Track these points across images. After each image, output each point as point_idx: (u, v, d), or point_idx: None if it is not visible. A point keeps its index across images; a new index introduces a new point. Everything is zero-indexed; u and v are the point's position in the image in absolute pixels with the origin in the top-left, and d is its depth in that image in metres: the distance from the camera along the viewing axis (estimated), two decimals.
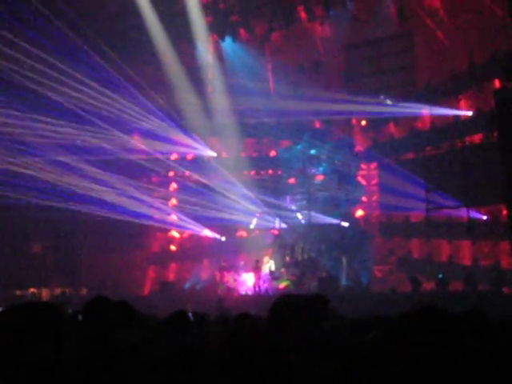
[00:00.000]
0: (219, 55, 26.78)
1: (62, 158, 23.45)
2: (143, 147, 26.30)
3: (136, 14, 23.07)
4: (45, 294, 24.32)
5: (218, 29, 25.65)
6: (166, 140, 25.92)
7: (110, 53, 22.52)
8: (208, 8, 24.48)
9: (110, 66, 22.84)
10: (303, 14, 24.78)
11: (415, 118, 25.02)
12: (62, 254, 25.79)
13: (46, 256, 26.12)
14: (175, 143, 26.52)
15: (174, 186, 28.65)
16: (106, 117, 23.72)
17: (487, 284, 18.03)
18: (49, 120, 22.84)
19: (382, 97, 23.78)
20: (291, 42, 25.52)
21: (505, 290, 17.45)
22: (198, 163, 27.83)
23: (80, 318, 3.93)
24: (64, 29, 21.03)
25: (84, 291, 24.08)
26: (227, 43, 26.29)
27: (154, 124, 24.97)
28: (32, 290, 24.01)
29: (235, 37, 26.00)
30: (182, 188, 27.53)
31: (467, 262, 21.80)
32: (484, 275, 18.58)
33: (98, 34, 22.24)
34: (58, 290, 23.98)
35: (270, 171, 28.07)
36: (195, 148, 27.02)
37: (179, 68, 25.20)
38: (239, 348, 2.71)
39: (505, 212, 19.35)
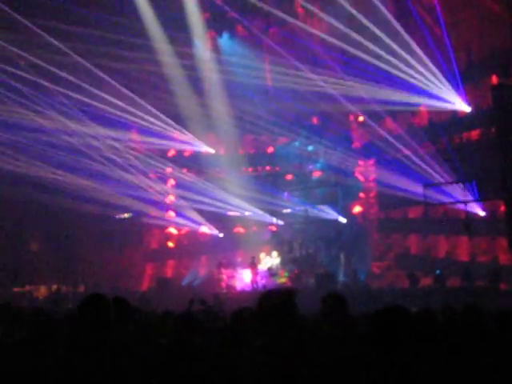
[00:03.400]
0: (217, 52, 26.74)
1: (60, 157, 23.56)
2: (141, 143, 26.41)
3: (133, 11, 23.00)
4: (42, 291, 24.32)
5: (216, 25, 25.61)
6: (163, 136, 25.92)
7: (107, 50, 22.53)
8: (205, 4, 24.38)
9: (107, 64, 22.88)
10: (301, 10, 24.72)
11: (413, 113, 25.00)
12: (60, 251, 25.77)
13: (44, 253, 26.10)
14: (173, 140, 26.54)
15: (171, 182, 28.62)
16: (103, 115, 23.77)
17: (485, 280, 18.04)
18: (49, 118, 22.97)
19: None
20: (289, 38, 25.42)
21: (502, 285, 17.47)
22: (195, 160, 27.85)
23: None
24: (63, 30, 21.15)
25: (81, 288, 24.07)
26: (224, 39, 26.28)
27: (151, 120, 24.94)
28: (29, 287, 23.99)
29: (233, 33, 25.98)
30: (180, 184, 27.54)
31: (465, 257, 21.80)
32: (481, 271, 18.59)
33: (95, 31, 22.22)
34: (55, 287, 23.97)
35: (268, 167, 28.04)
36: (193, 144, 27.02)
37: (177, 65, 25.14)
38: None
39: (503, 208, 19.38)
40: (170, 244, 29.44)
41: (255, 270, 22.50)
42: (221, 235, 27.44)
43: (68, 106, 22.96)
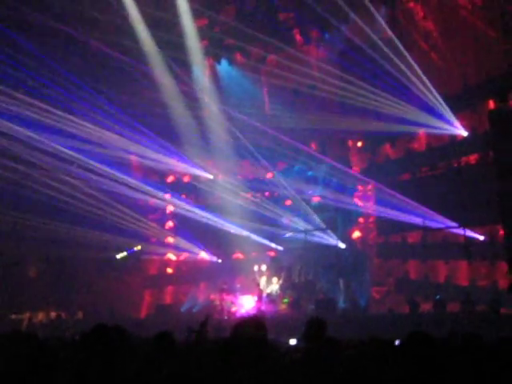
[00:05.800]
0: (215, 78, 26.90)
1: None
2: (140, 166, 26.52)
3: (132, 38, 23.17)
4: (41, 317, 24.15)
5: (214, 52, 25.78)
6: (162, 162, 25.97)
7: (105, 77, 22.70)
8: (203, 31, 24.57)
9: (106, 91, 23.02)
10: (299, 37, 24.94)
11: (411, 138, 25.10)
12: (58, 277, 25.66)
13: (42, 280, 25.98)
14: (172, 166, 26.59)
15: (170, 208, 28.61)
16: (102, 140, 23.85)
17: (484, 305, 17.94)
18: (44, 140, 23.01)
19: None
20: (287, 64, 25.58)
21: (502, 310, 17.36)
22: (194, 186, 27.91)
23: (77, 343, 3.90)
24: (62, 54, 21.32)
25: (80, 315, 23.91)
26: (223, 66, 26.45)
27: (150, 147, 25.01)
28: (28, 314, 23.82)
29: (231, 60, 26.17)
30: (179, 210, 27.54)
31: (464, 282, 21.73)
32: (481, 296, 18.49)
33: (93, 58, 22.42)
34: (53, 314, 23.82)
35: (267, 193, 28.04)
36: (191, 170, 27.08)
37: (175, 91, 25.28)
38: None
39: (501, 232, 19.36)
40: (169, 270, 29.35)
41: (259, 296, 22.31)
42: (219, 261, 27.38)
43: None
